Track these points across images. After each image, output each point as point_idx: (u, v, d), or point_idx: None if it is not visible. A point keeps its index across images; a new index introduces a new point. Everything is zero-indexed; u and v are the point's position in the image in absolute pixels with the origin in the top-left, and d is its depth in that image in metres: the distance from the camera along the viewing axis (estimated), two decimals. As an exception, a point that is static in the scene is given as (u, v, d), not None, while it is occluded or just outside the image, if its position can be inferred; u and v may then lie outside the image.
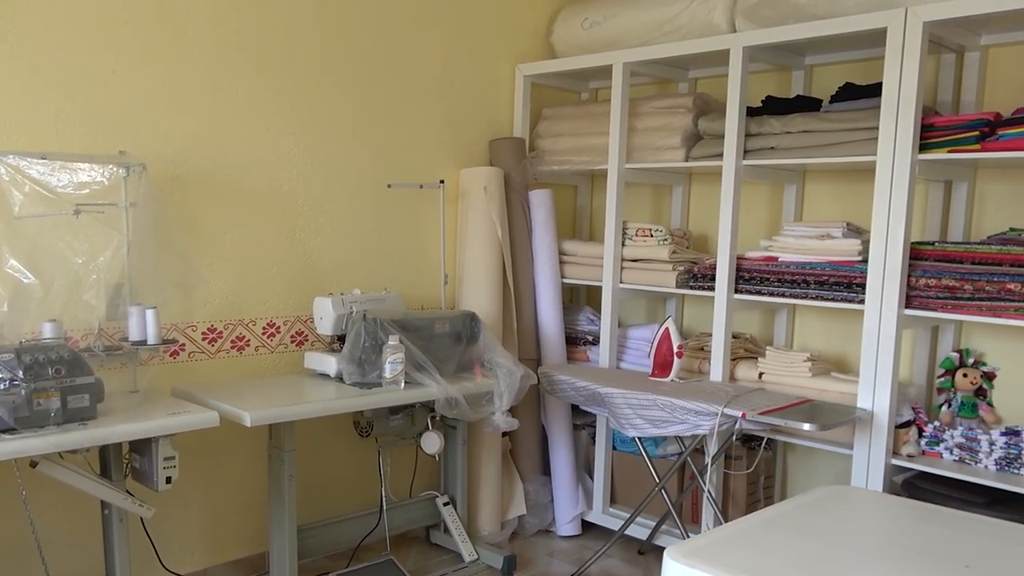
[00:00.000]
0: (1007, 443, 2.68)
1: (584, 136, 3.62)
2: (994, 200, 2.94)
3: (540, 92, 3.95)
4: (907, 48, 2.64)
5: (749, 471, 3.32)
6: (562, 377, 3.34)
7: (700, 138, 3.31)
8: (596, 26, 3.55)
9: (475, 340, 3.21)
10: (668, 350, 3.23)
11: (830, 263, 2.94)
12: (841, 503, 2.07)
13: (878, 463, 2.80)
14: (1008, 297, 2.55)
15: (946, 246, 2.72)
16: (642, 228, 3.44)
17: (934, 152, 2.67)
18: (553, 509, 3.72)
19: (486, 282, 3.51)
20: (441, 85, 3.57)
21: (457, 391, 2.95)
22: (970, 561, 1.73)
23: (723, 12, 3.14)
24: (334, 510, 3.38)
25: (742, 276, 3.14)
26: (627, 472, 3.62)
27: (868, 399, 2.82)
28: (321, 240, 3.26)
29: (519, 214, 3.63)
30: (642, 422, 3.04)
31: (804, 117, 2.97)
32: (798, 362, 3.09)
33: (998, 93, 2.90)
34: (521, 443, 3.69)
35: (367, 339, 2.91)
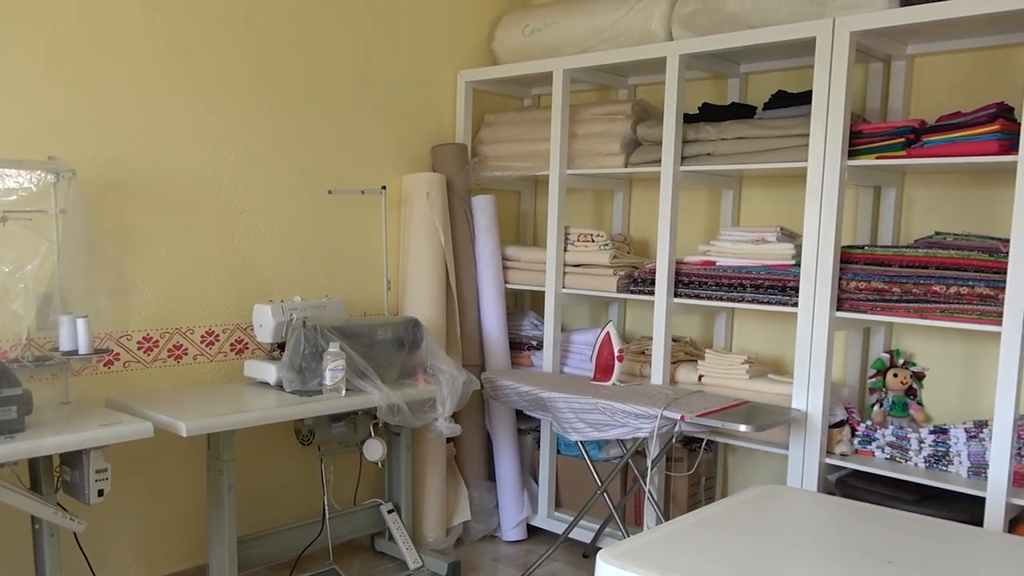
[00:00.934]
0: (935, 441, 2.76)
1: (526, 142, 3.65)
2: (921, 205, 3.03)
3: (483, 98, 3.97)
4: (835, 57, 2.72)
5: (690, 472, 3.37)
6: (505, 382, 3.35)
7: (639, 144, 3.35)
8: (537, 33, 3.57)
9: (418, 346, 3.21)
10: (609, 354, 3.26)
11: (765, 267, 3.00)
12: (773, 502, 2.11)
13: (812, 462, 2.87)
14: (934, 299, 2.63)
15: (875, 250, 2.80)
16: (584, 233, 3.47)
17: (862, 158, 2.75)
18: (498, 514, 3.72)
19: (429, 288, 3.50)
20: (383, 91, 3.56)
21: (399, 398, 2.94)
22: (893, 557, 1.78)
23: (660, 20, 3.19)
24: (276, 520, 3.34)
25: (681, 280, 3.19)
26: (572, 476, 3.64)
27: (802, 400, 2.88)
28: (261, 247, 3.22)
29: (462, 220, 3.64)
30: (584, 426, 3.07)
31: (739, 124, 3.03)
32: (736, 364, 3.14)
33: (924, 101, 2.99)
34: (466, 449, 3.69)
35: (307, 346, 2.88)
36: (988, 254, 2.56)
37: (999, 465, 2.51)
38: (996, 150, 2.48)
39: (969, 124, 2.54)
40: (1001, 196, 2.85)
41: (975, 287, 2.55)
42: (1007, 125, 2.49)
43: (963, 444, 2.70)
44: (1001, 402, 2.49)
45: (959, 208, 2.95)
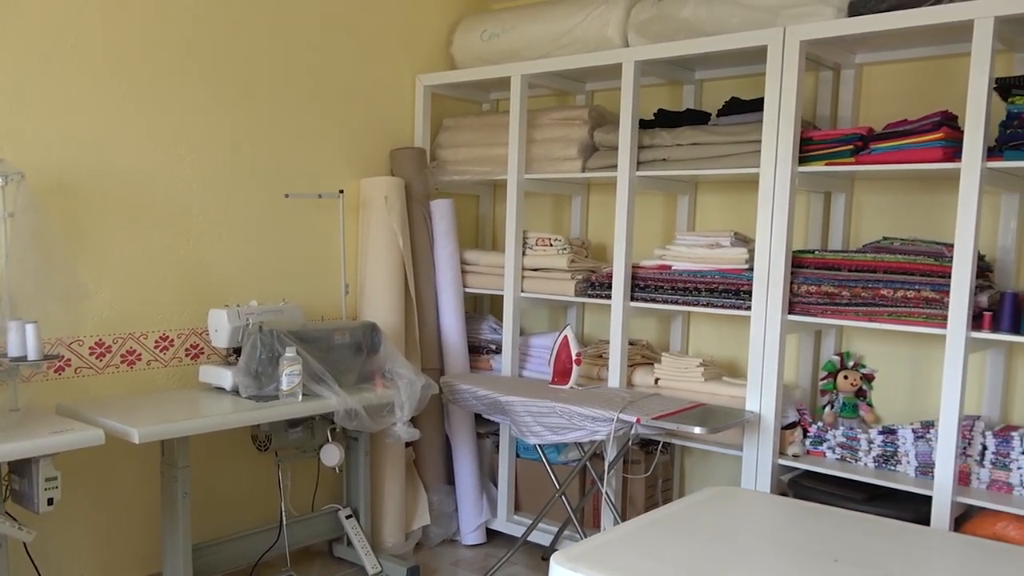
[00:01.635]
0: (884, 441, 2.83)
1: (485, 146, 3.66)
2: (870, 210, 3.09)
3: (441, 102, 3.98)
4: (786, 65, 2.77)
5: (647, 474, 3.40)
6: (464, 386, 3.35)
7: (596, 149, 3.38)
8: (495, 38, 3.59)
9: (376, 350, 3.20)
10: (567, 358, 3.29)
11: (719, 271, 3.04)
12: (724, 503, 2.15)
13: (766, 463, 2.91)
14: (882, 302, 2.69)
15: (825, 254, 2.86)
16: (542, 238, 3.49)
17: (812, 165, 2.80)
18: (458, 518, 3.72)
19: (388, 292, 3.50)
20: (341, 95, 3.55)
21: (357, 402, 2.93)
22: (840, 555, 1.82)
23: (616, 27, 3.23)
24: (232, 527, 3.31)
25: (637, 284, 3.22)
26: (531, 479, 3.66)
27: (756, 402, 2.92)
28: (217, 251, 3.19)
29: (421, 224, 3.64)
30: (542, 429, 3.08)
31: (693, 130, 3.07)
32: (691, 367, 3.18)
33: (872, 109, 3.06)
34: (425, 453, 3.69)
35: (263, 351, 2.86)
36: (933, 258, 2.63)
37: (944, 465, 2.58)
38: (940, 157, 2.55)
39: (914, 132, 2.60)
40: (946, 201, 2.92)
41: (921, 291, 2.62)
42: (951, 133, 2.56)
43: (911, 444, 2.77)
44: (946, 403, 2.55)
45: (906, 213, 3.02)
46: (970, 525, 2.63)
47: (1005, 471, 2.61)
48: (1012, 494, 2.59)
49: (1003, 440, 2.61)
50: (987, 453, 2.64)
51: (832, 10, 2.71)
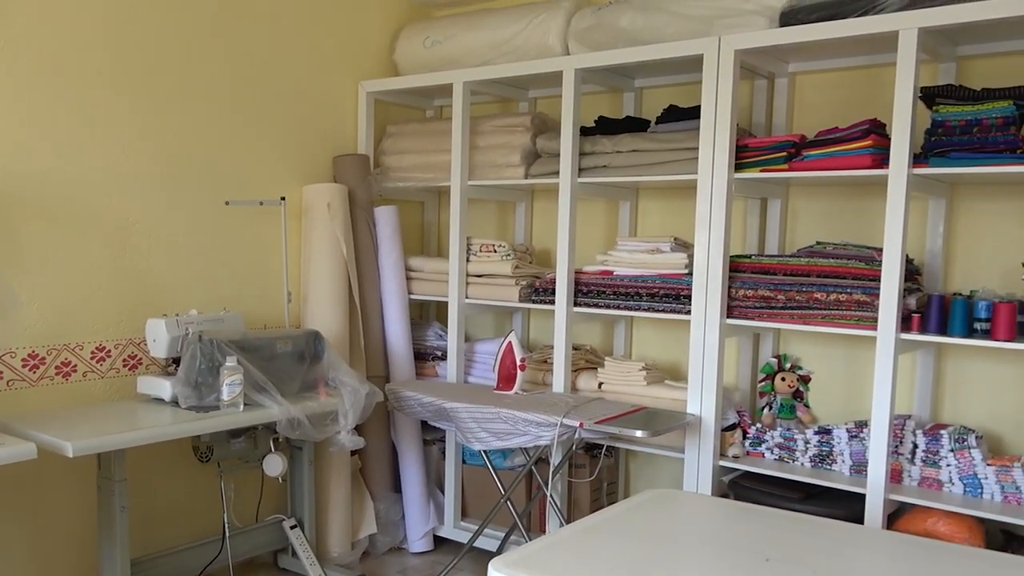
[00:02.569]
0: (820, 441, 2.89)
1: (428, 153, 3.66)
2: (805, 215, 3.17)
3: (385, 109, 3.97)
4: (721, 74, 2.82)
5: (592, 478, 3.43)
6: (409, 393, 3.35)
7: (539, 156, 3.41)
8: (438, 45, 3.60)
9: (319, 359, 3.18)
10: (511, 363, 3.30)
11: (660, 276, 3.09)
12: (662, 506, 2.18)
13: (707, 465, 2.96)
14: (816, 305, 2.76)
15: (762, 259, 2.92)
16: (486, 244, 3.51)
17: (748, 171, 2.86)
18: (404, 526, 3.71)
19: (332, 299, 3.48)
20: (283, 101, 3.52)
21: (300, 411, 2.90)
22: (771, 555, 1.86)
23: (557, 35, 3.26)
24: (174, 540, 3.25)
25: (580, 290, 3.25)
26: (478, 485, 3.66)
27: (696, 404, 2.97)
28: (155, 259, 3.14)
29: (364, 231, 3.63)
30: (486, 435, 3.09)
31: (633, 137, 3.12)
32: (634, 371, 3.22)
33: (805, 116, 3.13)
34: (371, 461, 3.67)
35: (203, 361, 2.83)
36: (864, 262, 2.70)
37: (877, 463, 2.65)
38: (869, 164, 2.62)
39: (845, 139, 2.68)
40: (876, 207, 3.00)
41: (853, 294, 2.69)
42: (879, 140, 2.63)
43: (845, 444, 2.84)
44: (877, 403, 2.62)
45: (839, 218, 3.10)
46: (902, 522, 2.70)
47: (935, 468, 2.68)
48: (942, 491, 2.67)
49: (933, 438, 2.69)
50: (918, 451, 2.72)
51: (765, 20, 2.77)
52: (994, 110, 2.45)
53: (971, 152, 2.47)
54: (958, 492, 2.64)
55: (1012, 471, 2.56)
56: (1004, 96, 2.48)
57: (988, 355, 2.83)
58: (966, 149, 2.48)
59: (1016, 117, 2.44)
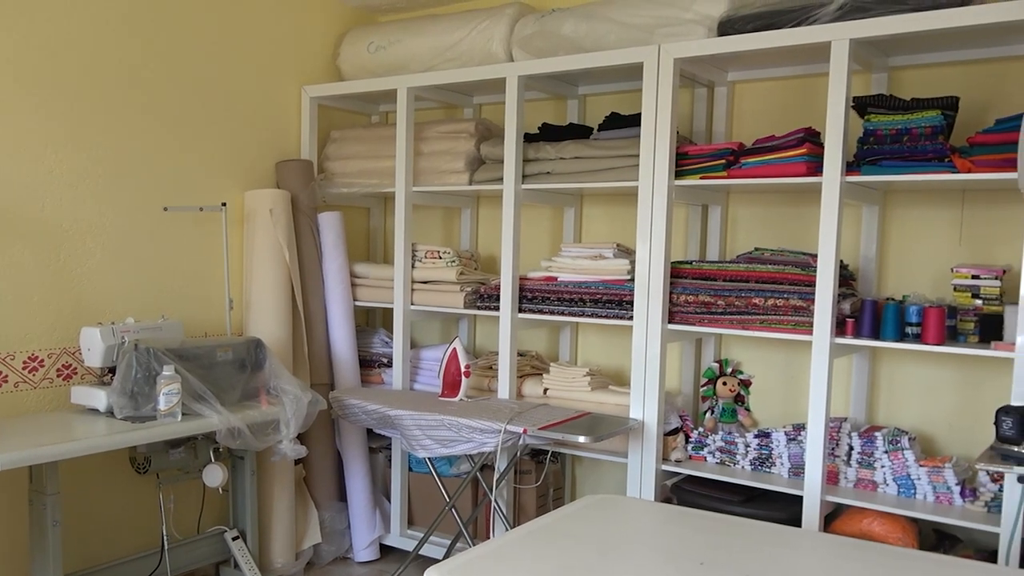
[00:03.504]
0: (759, 445, 2.93)
1: (373, 159, 3.64)
2: (744, 222, 3.21)
3: (330, 114, 3.94)
4: (661, 82, 2.85)
5: (538, 484, 3.43)
6: (353, 401, 3.32)
7: (483, 162, 3.41)
8: (382, 50, 3.58)
9: (260, 367, 3.13)
10: (456, 370, 3.29)
11: (603, 282, 3.11)
12: (601, 512, 2.19)
13: (650, 469, 2.98)
14: (754, 311, 2.80)
15: (702, 265, 2.95)
16: (431, 250, 3.49)
17: (688, 178, 2.89)
18: (350, 535, 3.68)
19: (274, 307, 3.43)
20: (224, 106, 3.47)
21: (240, 420, 2.86)
22: (706, 558, 1.88)
23: (501, 42, 3.26)
24: (111, 554, 3.18)
25: (525, 296, 3.26)
26: (424, 493, 3.64)
27: (639, 410, 2.99)
28: (91, 266, 3.07)
29: (308, 237, 3.59)
30: (431, 442, 3.08)
31: (575, 144, 3.13)
32: (578, 377, 3.24)
33: (744, 124, 3.18)
34: (315, 470, 3.63)
35: (139, 370, 2.77)
36: (800, 268, 2.75)
37: (814, 465, 2.69)
38: (804, 171, 2.67)
39: (781, 147, 2.72)
40: (812, 213, 3.06)
41: (790, 299, 2.73)
42: (813, 148, 2.68)
43: (784, 447, 2.88)
44: (813, 406, 2.67)
45: (777, 225, 3.15)
46: (839, 522, 2.75)
47: (870, 469, 2.74)
48: (876, 491, 2.72)
49: (868, 440, 2.74)
50: (853, 453, 2.77)
51: (704, 30, 2.81)
52: (923, 120, 2.51)
53: (901, 160, 2.53)
54: (892, 493, 2.70)
55: (943, 471, 2.63)
56: (933, 106, 2.54)
57: (920, 358, 2.90)
58: (897, 158, 2.54)
59: (944, 127, 2.50)
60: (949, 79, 2.81)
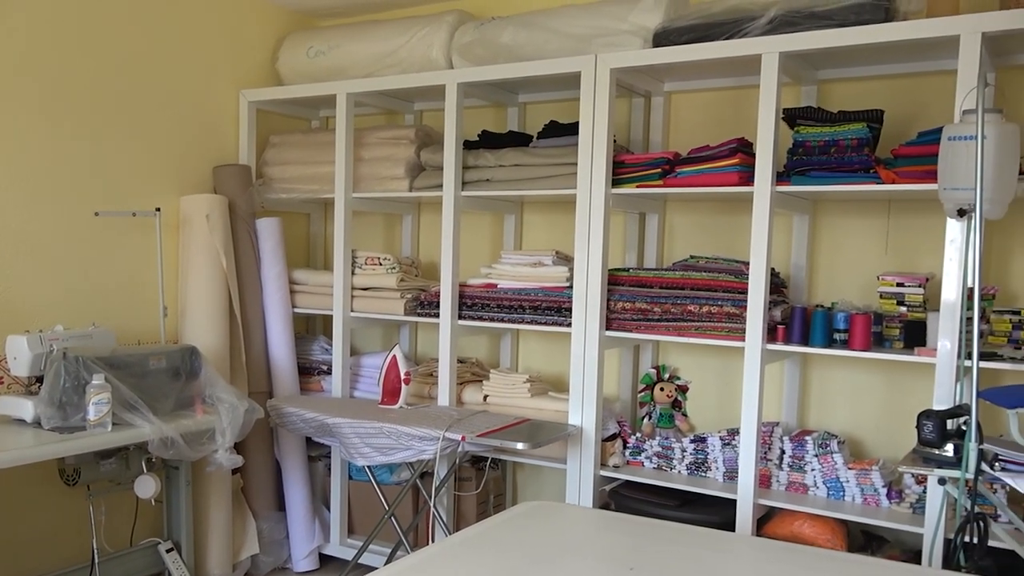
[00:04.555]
0: (695, 449, 2.98)
1: (312, 164, 3.61)
2: (680, 230, 3.26)
3: (269, 119, 3.89)
4: (598, 91, 2.89)
5: (478, 491, 3.43)
6: (291, 409, 3.28)
7: (423, 169, 3.41)
8: (321, 55, 3.55)
9: (195, 375, 3.08)
10: (396, 377, 3.28)
11: (542, 289, 3.12)
12: (534, 519, 2.20)
13: (588, 475, 3.00)
14: (689, 318, 2.84)
15: (639, 272, 2.99)
16: (371, 257, 3.48)
17: (625, 187, 2.93)
18: (289, 545, 3.63)
19: (211, 314, 3.38)
20: (159, 109, 3.41)
21: (173, 430, 2.81)
22: (636, 564, 1.90)
23: (441, 49, 3.26)
24: (39, 568, 3.09)
25: (465, 303, 3.26)
26: (364, 501, 3.62)
27: (578, 416, 3.01)
28: (17, 273, 2.99)
29: (246, 243, 3.54)
30: (370, 450, 3.06)
31: (515, 152, 3.15)
32: (518, 384, 3.25)
33: (680, 134, 3.23)
34: (253, 479, 3.58)
35: (67, 379, 2.70)
36: (734, 276, 2.80)
37: (746, 469, 2.74)
38: (736, 181, 2.72)
39: (714, 157, 2.77)
40: (745, 222, 3.12)
41: (723, 306, 2.78)
42: (745, 159, 2.74)
43: (719, 451, 2.93)
44: (746, 411, 2.72)
45: (712, 233, 3.21)
46: (771, 525, 2.81)
47: (800, 473, 2.80)
48: (807, 494, 2.78)
49: (799, 444, 2.80)
50: (785, 457, 2.83)
51: (639, 41, 2.85)
52: (849, 132, 2.58)
53: (829, 171, 2.60)
54: (822, 495, 2.76)
55: (871, 474, 2.70)
56: (859, 119, 2.61)
57: (848, 363, 2.98)
58: (824, 168, 2.61)
59: (869, 139, 2.57)
60: (875, 92, 2.90)
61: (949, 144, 2.21)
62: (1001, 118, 2.19)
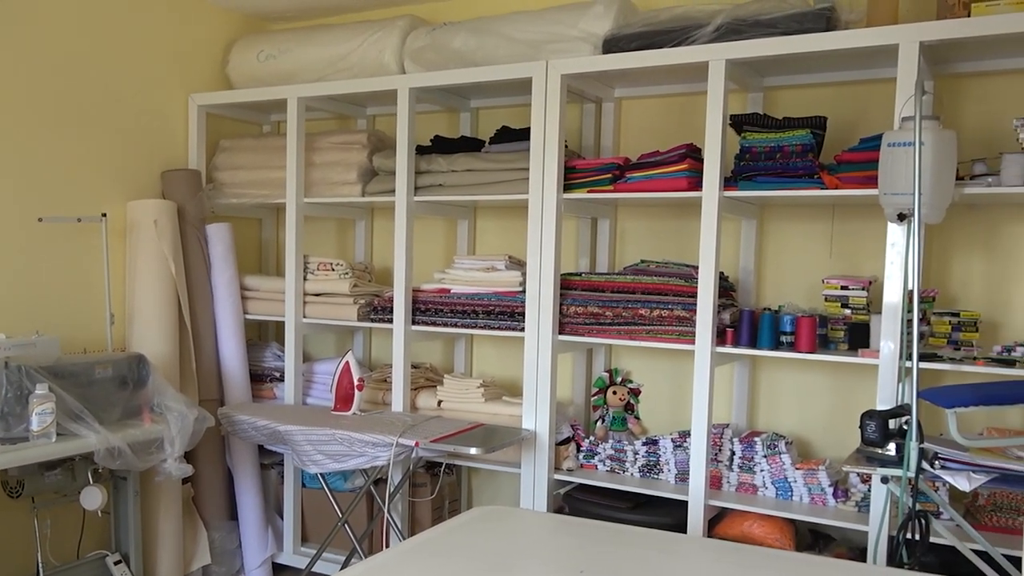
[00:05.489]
0: (648, 452, 3.01)
1: (264, 169, 3.58)
2: (632, 234, 3.29)
3: (219, 123, 3.84)
4: (549, 97, 2.90)
5: (433, 497, 3.43)
6: (242, 417, 3.25)
7: (375, 174, 3.39)
8: (272, 59, 3.52)
9: (143, 384, 3.03)
10: (349, 383, 3.26)
11: (496, 294, 3.13)
12: (487, 524, 2.20)
13: (542, 479, 3.01)
14: (640, 321, 2.87)
15: (591, 277, 3.01)
16: (323, 262, 3.45)
17: (576, 192, 2.95)
18: (241, 554, 3.59)
19: (159, 321, 3.33)
20: (107, 112, 3.35)
21: (120, 440, 2.76)
22: (586, 567, 1.91)
23: (393, 53, 3.26)
24: (-21, 583, 3.02)
25: (419, 308, 3.25)
26: (318, 509, 3.59)
27: (531, 420, 3.02)
28: (-44, 281, 2.92)
29: (196, 249, 3.49)
30: (323, 458, 3.04)
31: (467, 157, 3.15)
32: (472, 388, 3.25)
33: (631, 140, 3.26)
34: (204, 488, 3.53)
35: (9, 389, 2.64)
36: (684, 280, 2.83)
37: (697, 470, 2.77)
38: (685, 186, 2.75)
39: (663, 162, 2.80)
40: (694, 227, 3.16)
41: (674, 310, 2.81)
42: (694, 164, 2.77)
43: (670, 453, 2.96)
44: (696, 413, 2.75)
45: (663, 237, 3.24)
46: (722, 526, 2.84)
47: (750, 474, 2.84)
48: (757, 495, 2.82)
49: (748, 445, 2.84)
50: (735, 458, 2.87)
51: (589, 47, 2.87)
52: (794, 138, 2.63)
53: (775, 177, 2.64)
54: (771, 495, 2.80)
55: (818, 473, 2.74)
56: (803, 125, 2.66)
57: (796, 365, 3.03)
58: (770, 174, 2.65)
59: (813, 145, 2.62)
60: (819, 99, 2.96)
61: (889, 150, 2.26)
62: (939, 125, 2.25)
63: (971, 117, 2.73)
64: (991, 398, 2.17)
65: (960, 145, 2.60)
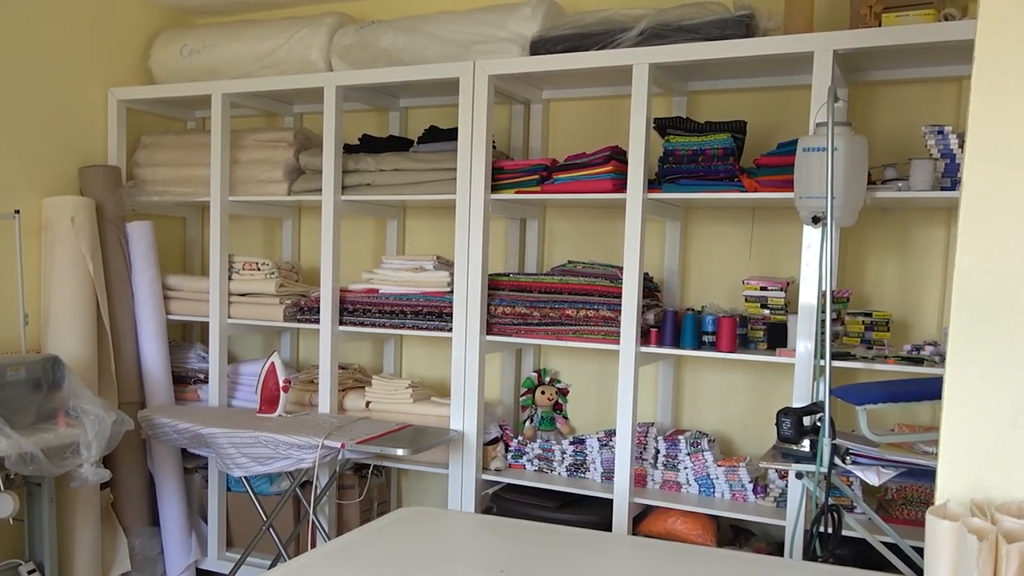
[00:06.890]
0: (575, 451, 3.03)
1: (187, 166, 3.50)
2: (560, 235, 3.32)
3: (141, 119, 3.74)
4: (476, 97, 2.91)
5: (361, 499, 3.40)
6: (163, 420, 3.17)
7: (302, 172, 3.35)
8: (196, 54, 3.45)
9: (58, 386, 2.94)
10: (274, 385, 3.21)
11: (424, 294, 3.12)
12: (410, 525, 2.19)
13: (470, 480, 3.02)
14: (567, 322, 2.89)
15: (519, 277, 3.02)
16: (249, 262, 3.40)
17: (504, 192, 2.96)
18: (164, 561, 3.51)
19: (77, 321, 3.23)
20: (20, 105, 3.23)
21: (33, 444, 2.67)
22: (507, 567, 1.92)
23: (320, 51, 3.22)
24: None
25: (346, 308, 3.22)
26: (243, 513, 3.52)
27: (459, 420, 3.02)
28: None
29: (115, 247, 3.40)
30: (247, 461, 2.99)
31: (396, 156, 3.13)
32: (400, 389, 3.23)
33: (559, 141, 3.29)
34: (124, 493, 3.43)
35: (-87, 394, 2.54)
36: (609, 280, 2.87)
37: (622, 469, 2.81)
38: (610, 188, 2.79)
39: (589, 164, 2.83)
40: (620, 228, 3.19)
41: (600, 310, 2.84)
42: (619, 166, 2.81)
43: (597, 452, 2.99)
44: (621, 412, 2.79)
45: (590, 238, 3.27)
46: (647, 523, 2.89)
47: (674, 471, 2.89)
48: (680, 492, 2.87)
49: (672, 443, 2.89)
50: (659, 456, 2.91)
51: (517, 48, 2.89)
52: (716, 141, 2.68)
53: (697, 179, 2.69)
54: (694, 492, 2.86)
55: (738, 470, 2.81)
56: (724, 129, 2.72)
57: (717, 365, 3.09)
58: (693, 176, 2.70)
59: (734, 148, 2.68)
60: (740, 104, 3.02)
61: (803, 155, 2.32)
62: (851, 131, 2.32)
63: (883, 123, 2.83)
64: (899, 395, 2.26)
65: (872, 151, 2.69)
